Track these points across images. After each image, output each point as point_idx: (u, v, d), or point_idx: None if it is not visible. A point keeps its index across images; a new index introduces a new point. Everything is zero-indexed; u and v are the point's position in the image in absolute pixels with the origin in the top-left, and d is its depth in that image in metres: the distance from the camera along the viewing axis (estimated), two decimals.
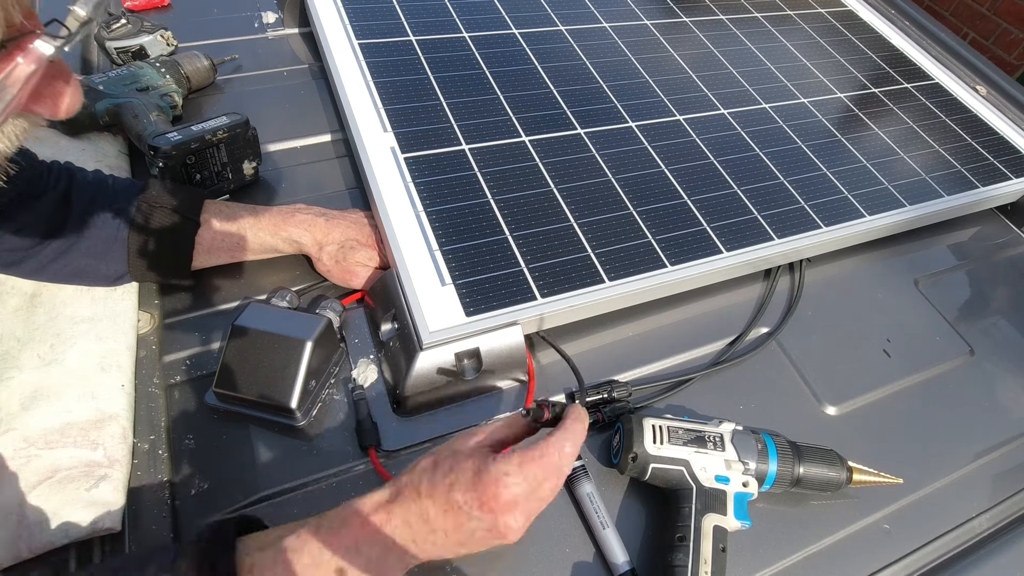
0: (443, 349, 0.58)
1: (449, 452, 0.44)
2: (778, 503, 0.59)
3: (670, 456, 0.54)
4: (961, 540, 0.61)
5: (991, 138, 0.99)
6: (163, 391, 0.58)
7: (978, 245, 0.91)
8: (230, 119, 0.69)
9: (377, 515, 0.42)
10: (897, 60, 1.11)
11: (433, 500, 0.42)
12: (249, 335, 0.55)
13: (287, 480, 0.54)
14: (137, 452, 0.53)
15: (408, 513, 0.42)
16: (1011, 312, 0.82)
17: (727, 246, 0.71)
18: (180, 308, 0.64)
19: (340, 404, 0.59)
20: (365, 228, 0.67)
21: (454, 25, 0.92)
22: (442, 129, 0.76)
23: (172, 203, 0.60)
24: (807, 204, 0.79)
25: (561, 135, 0.80)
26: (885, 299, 0.79)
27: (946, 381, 0.73)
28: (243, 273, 0.67)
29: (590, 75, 0.90)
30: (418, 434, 0.59)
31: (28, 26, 0.31)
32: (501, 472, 0.42)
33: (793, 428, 0.63)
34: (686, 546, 0.51)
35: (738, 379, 0.68)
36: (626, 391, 0.62)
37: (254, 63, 0.89)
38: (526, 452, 0.43)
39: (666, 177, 0.78)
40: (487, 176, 0.72)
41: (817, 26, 1.14)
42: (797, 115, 0.93)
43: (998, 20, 2.15)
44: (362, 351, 0.63)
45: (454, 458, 0.43)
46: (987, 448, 0.68)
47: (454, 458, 0.43)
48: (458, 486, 0.41)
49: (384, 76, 0.81)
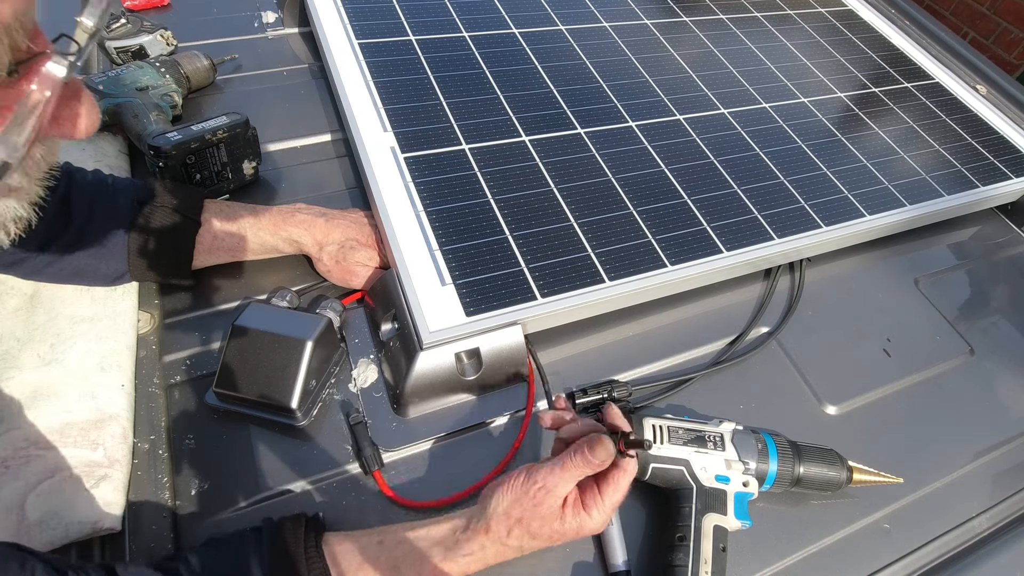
0: (443, 349, 0.58)
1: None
2: (778, 503, 0.59)
3: (670, 456, 0.54)
4: (961, 540, 0.61)
5: (991, 137, 0.99)
6: (163, 391, 0.58)
7: (978, 245, 0.91)
8: (230, 119, 0.69)
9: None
10: (897, 59, 1.11)
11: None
12: (249, 335, 0.55)
13: (287, 480, 0.54)
14: (137, 452, 0.53)
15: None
16: (1011, 312, 0.82)
17: (727, 246, 0.71)
18: (180, 308, 0.64)
19: (340, 404, 0.59)
20: (365, 228, 0.67)
21: (454, 25, 0.92)
22: (442, 129, 0.76)
23: (172, 202, 0.60)
24: (807, 204, 0.79)
25: (561, 135, 0.80)
26: (885, 299, 0.79)
27: (946, 381, 0.73)
28: (243, 273, 0.67)
29: (590, 75, 0.90)
30: (418, 434, 0.59)
31: (36, 48, 0.29)
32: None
33: (793, 428, 0.63)
34: (686, 546, 0.51)
35: (738, 379, 0.68)
36: (626, 391, 0.62)
37: (254, 63, 0.89)
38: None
39: (666, 177, 0.78)
40: (487, 176, 0.72)
41: (817, 25, 1.14)
42: (797, 115, 0.93)
43: (998, 19, 2.15)
44: (362, 351, 0.63)
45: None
46: (987, 447, 0.68)
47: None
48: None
49: (384, 76, 0.81)
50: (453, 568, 0.47)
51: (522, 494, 0.47)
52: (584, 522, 0.47)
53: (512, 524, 0.47)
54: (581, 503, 0.48)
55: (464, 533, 0.47)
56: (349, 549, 0.46)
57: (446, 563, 0.46)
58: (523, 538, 0.47)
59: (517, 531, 0.47)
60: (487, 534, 0.47)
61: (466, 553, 0.47)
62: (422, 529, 0.48)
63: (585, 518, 0.47)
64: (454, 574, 0.47)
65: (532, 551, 0.49)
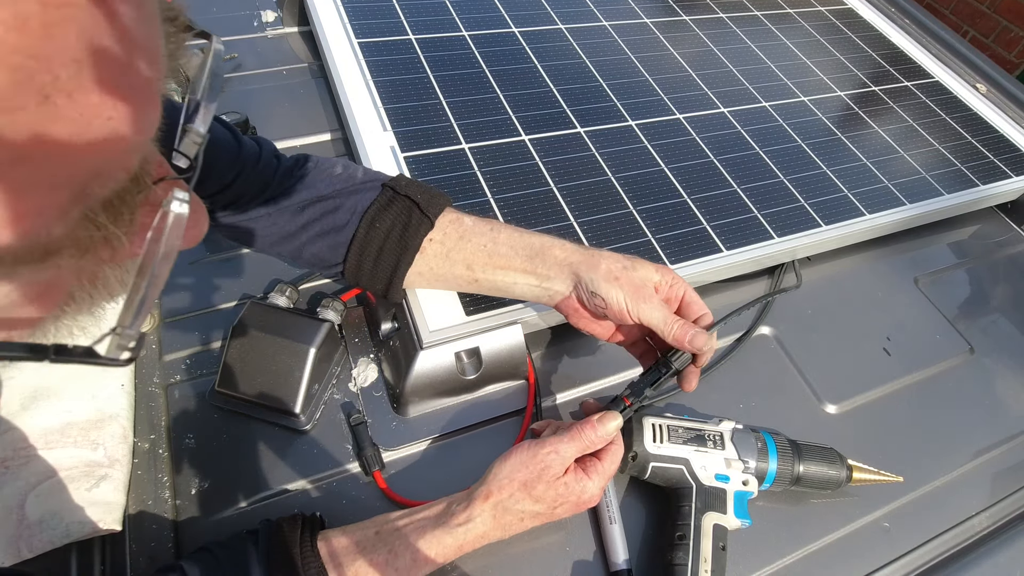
0: (443, 348, 0.58)
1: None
2: (778, 501, 0.59)
3: (670, 455, 0.54)
4: (961, 538, 0.61)
5: (991, 136, 0.99)
6: (163, 390, 0.58)
7: (978, 243, 0.91)
8: (229, 118, 0.69)
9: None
10: (897, 58, 1.11)
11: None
12: (251, 337, 0.55)
13: (287, 480, 0.54)
14: (137, 452, 0.54)
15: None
16: (1011, 310, 0.82)
17: (727, 245, 0.71)
18: (180, 308, 0.64)
19: (341, 405, 0.59)
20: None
21: (453, 24, 0.92)
22: (442, 128, 0.76)
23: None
24: (807, 203, 0.79)
25: (561, 134, 0.80)
26: (885, 297, 0.79)
27: (946, 379, 0.73)
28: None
29: (590, 74, 0.90)
30: (418, 433, 0.59)
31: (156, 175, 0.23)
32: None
33: (793, 426, 0.63)
34: (686, 544, 0.51)
35: (738, 378, 0.68)
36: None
37: (253, 62, 0.89)
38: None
39: (666, 176, 0.78)
40: (487, 175, 0.72)
41: (817, 24, 1.14)
42: (797, 113, 0.93)
43: (998, 18, 2.14)
44: (362, 350, 0.63)
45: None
46: (987, 446, 0.68)
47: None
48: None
49: (384, 75, 0.81)
50: (448, 540, 0.46)
51: (529, 457, 0.48)
52: (585, 486, 0.48)
53: (515, 488, 0.47)
54: (583, 471, 0.49)
55: (460, 504, 0.47)
56: (345, 544, 0.46)
57: (440, 534, 0.46)
58: (524, 502, 0.47)
59: (519, 494, 0.47)
60: (486, 500, 0.47)
61: (460, 522, 0.46)
62: (419, 513, 0.48)
63: (587, 482, 0.48)
64: (449, 547, 0.46)
65: (530, 527, 0.49)
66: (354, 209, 0.53)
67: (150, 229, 0.21)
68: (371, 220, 0.53)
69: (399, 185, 0.55)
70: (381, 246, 0.53)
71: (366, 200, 0.54)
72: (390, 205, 0.53)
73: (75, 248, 0.20)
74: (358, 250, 0.53)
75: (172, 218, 0.21)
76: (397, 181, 0.55)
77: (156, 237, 0.21)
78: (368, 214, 0.53)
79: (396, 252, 0.53)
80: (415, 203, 0.53)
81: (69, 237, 0.19)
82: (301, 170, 0.55)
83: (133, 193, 0.21)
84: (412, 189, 0.54)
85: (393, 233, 0.53)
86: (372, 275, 0.54)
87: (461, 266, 0.54)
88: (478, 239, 0.54)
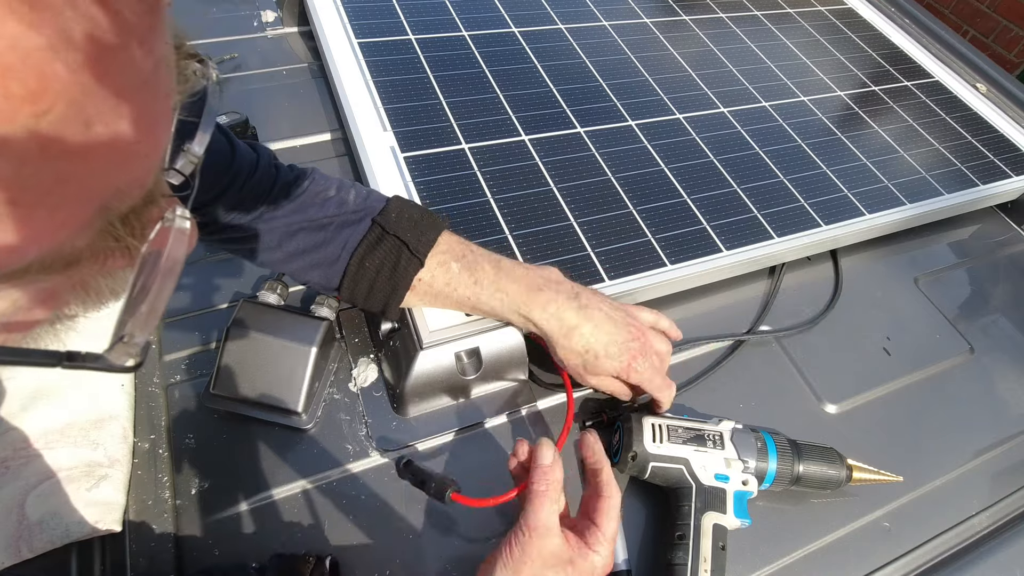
0: (443, 348, 0.58)
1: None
2: (778, 501, 0.59)
3: (670, 455, 0.54)
4: (961, 538, 0.61)
5: (991, 136, 0.99)
6: (163, 390, 0.58)
7: (978, 243, 0.91)
8: (229, 118, 0.69)
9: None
10: (897, 58, 1.11)
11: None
12: (247, 339, 0.55)
13: (288, 479, 0.54)
14: (137, 452, 0.54)
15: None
16: (1011, 310, 0.82)
17: (727, 245, 0.71)
18: (180, 308, 0.64)
19: (340, 403, 0.59)
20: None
21: (453, 24, 0.92)
22: (442, 128, 0.76)
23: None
24: (807, 202, 0.79)
25: (561, 134, 0.80)
26: (885, 297, 0.79)
27: (946, 379, 0.73)
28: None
29: (589, 74, 0.90)
30: (418, 433, 0.59)
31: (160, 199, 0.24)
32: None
33: (793, 426, 0.63)
34: (686, 544, 0.51)
35: (738, 378, 0.68)
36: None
37: (253, 62, 0.89)
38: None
39: (666, 176, 0.78)
40: (487, 175, 0.72)
41: (817, 24, 1.14)
42: (797, 113, 0.93)
43: (998, 18, 2.14)
44: (362, 350, 0.63)
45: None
46: (987, 446, 0.68)
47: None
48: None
49: (383, 75, 0.81)
50: None
51: (520, 555, 0.44)
52: (594, 562, 0.45)
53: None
54: (584, 543, 0.46)
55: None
56: None
57: None
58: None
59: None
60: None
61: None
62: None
63: (592, 556, 0.45)
64: None
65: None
66: (344, 244, 0.54)
67: (146, 241, 0.23)
68: (360, 259, 0.54)
69: (388, 222, 0.54)
70: (372, 284, 0.54)
71: (356, 236, 0.54)
72: (378, 244, 0.54)
73: (93, 258, 0.22)
74: (350, 284, 0.54)
75: (174, 233, 0.23)
76: (386, 216, 0.54)
77: (159, 250, 0.23)
78: (357, 253, 0.54)
79: (386, 290, 0.54)
80: (404, 243, 0.54)
81: (89, 248, 0.21)
82: (298, 188, 0.55)
83: (145, 207, 0.23)
84: (401, 226, 0.54)
85: (383, 273, 0.54)
86: (367, 304, 0.56)
87: (453, 304, 0.57)
88: (463, 290, 0.55)
